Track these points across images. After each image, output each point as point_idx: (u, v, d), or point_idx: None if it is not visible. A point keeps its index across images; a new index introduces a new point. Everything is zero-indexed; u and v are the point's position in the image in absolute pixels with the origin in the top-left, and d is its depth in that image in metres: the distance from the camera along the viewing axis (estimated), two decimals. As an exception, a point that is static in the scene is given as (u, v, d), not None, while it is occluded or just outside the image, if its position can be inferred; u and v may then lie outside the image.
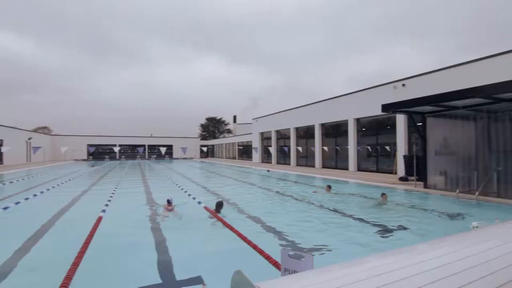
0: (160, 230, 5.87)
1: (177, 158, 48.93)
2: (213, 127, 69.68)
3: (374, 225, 5.95)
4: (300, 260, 1.86)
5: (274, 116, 30.43)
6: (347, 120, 19.82)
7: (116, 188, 12.06)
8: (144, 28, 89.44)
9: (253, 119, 35.28)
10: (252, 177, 17.16)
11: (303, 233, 5.55)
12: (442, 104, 8.85)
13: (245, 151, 37.22)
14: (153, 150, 50.19)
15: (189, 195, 9.83)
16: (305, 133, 25.82)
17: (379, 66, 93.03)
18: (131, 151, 48.95)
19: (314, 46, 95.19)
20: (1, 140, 29.10)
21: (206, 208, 7.48)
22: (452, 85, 9.96)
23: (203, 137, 64.93)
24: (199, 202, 8.33)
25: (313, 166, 23.19)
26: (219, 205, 7.08)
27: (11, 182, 14.65)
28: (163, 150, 20.82)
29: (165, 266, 4.00)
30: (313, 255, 1.92)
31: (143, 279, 3.60)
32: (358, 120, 19.32)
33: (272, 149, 28.01)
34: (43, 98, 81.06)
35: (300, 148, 23.28)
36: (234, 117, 55.64)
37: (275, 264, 3.40)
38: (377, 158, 17.95)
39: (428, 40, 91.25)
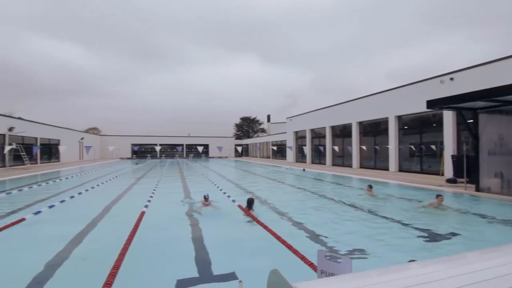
0: (197, 225, 6.10)
1: (213, 157, 50.36)
2: (247, 127, 70.48)
3: (418, 229, 5.58)
4: (338, 263, 1.81)
5: (309, 114, 29.92)
6: (387, 118, 18.80)
7: (157, 184, 12.77)
8: (180, 32, 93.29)
9: (287, 118, 35.04)
10: (286, 177, 17.07)
11: (339, 235, 5.40)
12: (497, 98, 8.00)
13: (279, 151, 37.11)
14: (191, 149, 52.24)
15: (224, 193, 10.07)
16: (342, 132, 25.02)
17: (423, 60, 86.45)
18: (170, 150, 51.45)
19: (351, 41, 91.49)
20: (58, 140, 32.34)
21: (240, 206, 7.61)
22: (507, 78, 8.95)
23: (238, 137, 65.97)
24: (233, 200, 8.49)
25: (350, 166, 22.40)
26: (251, 202, 7.16)
27: (66, 178, 16.24)
28: (199, 149, 21.51)
29: (201, 261, 4.15)
30: (351, 258, 1.87)
31: (181, 272, 3.77)
32: (399, 118, 18.23)
33: (307, 149, 27.56)
34: (93, 101, 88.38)
35: (336, 148, 22.62)
36: (268, 117, 55.71)
37: (311, 265, 3.35)
38: (421, 158, 16.79)
39: (481, 29, 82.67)
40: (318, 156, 27.91)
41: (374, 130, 21.45)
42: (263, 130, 67.85)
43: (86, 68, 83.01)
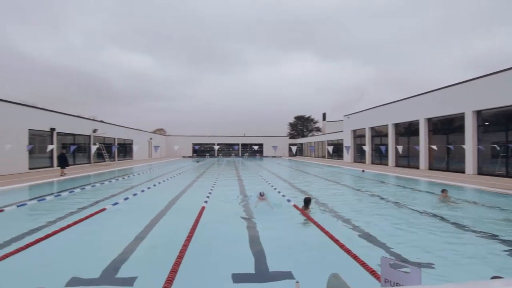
0: (253, 222, 6.23)
1: (267, 156, 50.94)
2: (301, 126, 69.43)
3: (504, 242, 4.79)
4: (405, 273, 1.65)
5: (369, 112, 28.10)
6: (463, 113, 16.56)
7: (215, 181, 13.45)
8: (237, 34, 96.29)
9: (344, 116, 33.49)
10: (344, 177, 16.33)
11: (405, 243, 4.94)
12: None
13: (335, 150, 35.67)
14: (246, 149, 53.73)
15: (279, 192, 10.08)
16: (407, 130, 22.89)
17: (504, 48, 73.40)
18: (226, 149, 53.71)
19: (417, 29, 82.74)
20: (132, 140, 36.40)
21: (295, 206, 7.53)
22: None
23: (292, 136, 65.46)
24: (289, 200, 8.45)
25: (416, 167, 20.37)
26: (307, 201, 7.03)
27: (138, 174, 18.19)
28: (254, 148, 21.91)
29: (256, 257, 4.22)
30: (420, 268, 1.68)
31: (236, 266, 3.89)
32: (478, 113, 15.89)
33: (366, 148, 25.92)
34: (160, 105, 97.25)
35: (400, 147, 20.79)
36: (324, 115, 54.00)
37: (372, 273, 3.14)
38: (506, 159, 14.37)
39: None
40: (379, 156, 26.02)
41: (446, 127, 19.11)
42: (318, 129, 66.06)
43: (153, 74, 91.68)
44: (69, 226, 5.70)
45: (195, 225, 5.62)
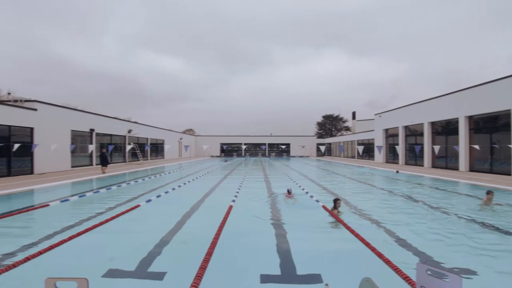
0: (281, 221, 6.20)
1: (294, 156, 50.45)
2: (330, 125, 67.89)
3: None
4: (444, 281, 1.55)
5: (403, 109, 26.75)
6: (509, 110, 15.19)
7: (242, 181, 13.57)
8: (266, 34, 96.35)
9: (375, 114, 32.21)
10: (376, 179, 15.70)
11: (443, 249, 4.64)
12: None
13: (366, 150, 34.41)
14: (272, 148, 53.66)
15: (307, 192, 9.94)
16: (444, 129, 21.47)
17: None
18: (253, 149, 54.02)
19: (456, 21, 77.29)
20: (163, 140, 37.87)
21: (324, 207, 7.37)
22: None
23: (320, 135, 64.25)
24: (317, 201, 8.29)
25: (455, 168, 19.04)
26: (336, 202, 6.84)
27: (169, 173, 18.88)
28: (281, 148, 21.71)
29: (284, 258, 4.18)
30: (461, 277, 1.56)
31: (264, 266, 3.89)
32: (528, 110, 14.47)
33: (400, 148, 24.71)
34: (189, 105, 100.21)
35: (436, 147, 19.55)
36: (353, 114, 52.29)
37: (407, 279, 2.97)
38: None
39: None
40: (414, 157, 24.67)
41: (489, 125, 17.63)
42: (347, 128, 64.18)
43: (183, 76, 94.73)
44: (107, 221, 6.06)
45: (223, 223, 5.71)
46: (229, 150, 53.08)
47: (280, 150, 51.72)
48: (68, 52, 72.97)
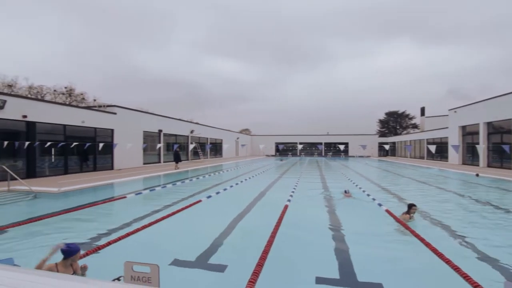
0: (338, 224, 5.95)
1: (353, 156, 47.91)
2: (393, 122, 62.63)
3: None
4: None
5: (484, 103, 23.18)
6: None
7: (298, 180, 13.43)
8: (322, 29, 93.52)
9: (449, 110, 28.59)
10: (451, 183, 13.93)
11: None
12: None
13: (437, 150, 30.80)
14: (329, 148, 51.83)
15: (368, 195, 9.34)
16: (542, 125, 17.92)
17: None
18: (309, 148, 52.96)
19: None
20: (222, 140, 39.73)
21: (387, 211, 6.84)
22: None
23: (382, 134, 59.79)
24: (380, 204, 7.74)
25: (558, 172, 15.75)
26: (412, 208, 6.13)
27: (227, 171, 19.73)
28: (339, 147, 20.69)
29: (342, 262, 4.00)
30: None
31: (320, 269, 3.78)
32: None
33: (480, 148, 21.48)
34: (246, 106, 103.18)
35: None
36: (422, 109, 47.25)
37: (491, 299, 2.57)
38: None
39: None
40: (499, 158, 21.18)
41: None
42: (414, 126, 58.44)
43: (241, 77, 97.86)
44: (173, 213, 6.63)
45: (279, 223, 5.74)
46: (284, 150, 53.05)
47: (338, 150, 49.66)
48: (140, 61, 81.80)
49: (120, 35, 77.40)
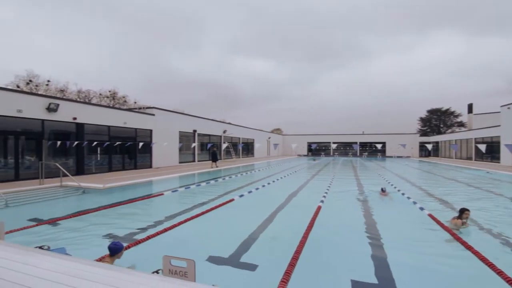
0: (375, 227, 5.69)
1: (391, 156, 45.51)
2: (436, 120, 58.39)
3: None
4: None
5: (544, 98, 20.68)
6: None
7: (331, 181, 13.08)
8: (358, 25, 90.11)
9: (501, 106, 25.96)
10: (507, 187, 12.63)
11: None
12: None
13: (487, 150, 28.10)
14: (365, 147, 49.77)
15: (408, 198, 8.82)
16: None
17: None
18: (343, 148, 51.33)
19: None
20: (253, 139, 40.03)
21: (430, 215, 6.40)
22: None
23: (423, 133, 56.06)
24: (422, 208, 7.26)
25: None
26: (464, 212, 5.57)
27: (259, 170, 19.82)
28: (376, 147, 19.53)
29: (380, 267, 3.81)
30: None
31: (356, 272, 3.63)
32: None
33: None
34: (278, 105, 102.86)
35: None
36: (469, 106, 43.45)
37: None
38: None
39: None
40: None
41: None
42: (460, 124, 54.03)
43: (273, 76, 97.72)
44: (207, 211, 6.82)
45: (311, 224, 5.64)
46: (317, 149, 52.04)
47: (374, 150, 47.51)
48: (175, 64, 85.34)
49: (157, 40, 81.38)
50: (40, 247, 3.44)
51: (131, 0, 73.54)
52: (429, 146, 21.77)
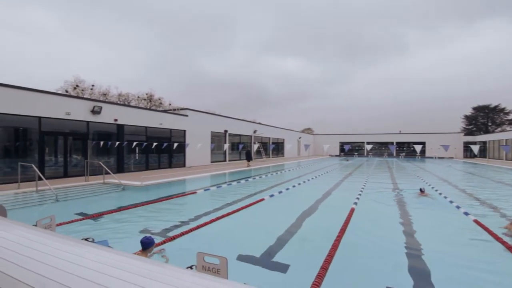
0: (413, 231, 5.36)
1: (431, 157, 42.66)
2: (484, 118, 53.58)
3: None
4: None
5: None
6: None
7: (365, 183, 12.57)
8: (393, 19, 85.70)
9: None
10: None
11: None
12: None
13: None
14: (402, 148, 47.18)
15: (451, 202, 8.20)
16: None
17: None
18: (378, 148, 49.15)
19: None
20: (283, 139, 39.80)
21: (476, 221, 5.89)
22: None
23: (468, 132, 51.79)
24: (466, 213, 6.71)
25: None
26: None
27: (289, 170, 19.66)
28: (416, 148, 18.35)
29: (418, 273, 3.58)
30: None
31: (391, 280, 3.45)
32: None
33: None
34: (309, 104, 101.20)
35: None
36: (524, 102, 39.31)
37: None
38: None
39: None
40: None
41: None
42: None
43: (304, 75, 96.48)
44: (238, 210, 6.91)
45: (345, 226, 5.47)
46: (349, 150, 50.38)
47: (412, 150, 44.85)
48: (206, 65, 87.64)
49: (189, 42, 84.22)
50: (86, 239, 3.72)
51: (167, 6, 76.88)
52: (475, 148, 19.94)
